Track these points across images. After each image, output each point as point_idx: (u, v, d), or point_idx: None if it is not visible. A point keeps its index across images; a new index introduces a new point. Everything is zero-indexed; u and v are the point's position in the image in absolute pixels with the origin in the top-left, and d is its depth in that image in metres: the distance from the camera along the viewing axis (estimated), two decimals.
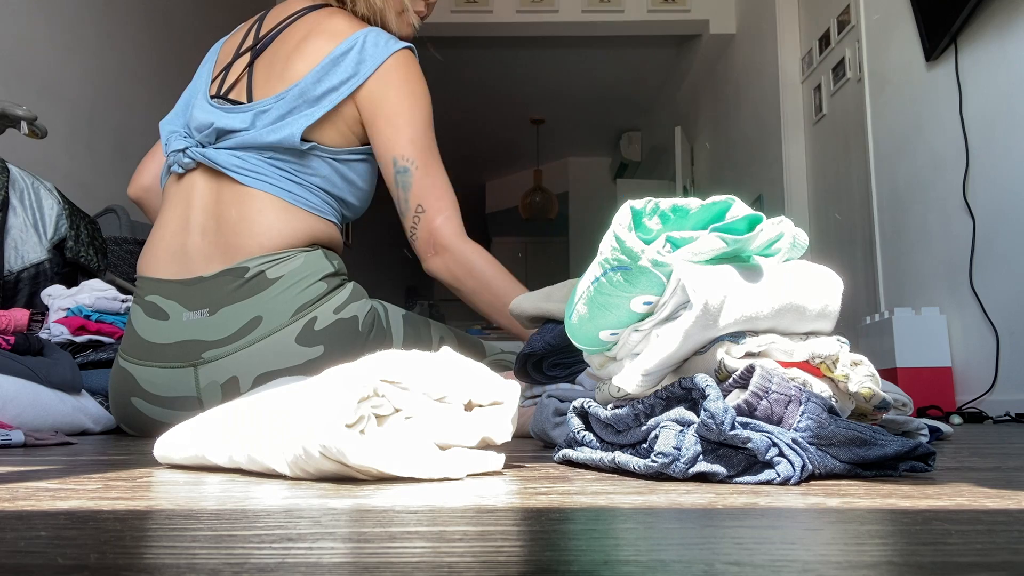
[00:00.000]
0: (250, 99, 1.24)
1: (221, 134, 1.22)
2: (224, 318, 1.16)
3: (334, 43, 1.22)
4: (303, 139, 1.19)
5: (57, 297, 1.59)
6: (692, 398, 0.51)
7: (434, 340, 1.34)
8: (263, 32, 1.31)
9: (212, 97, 1.27)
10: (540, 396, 0.97)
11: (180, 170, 1.24)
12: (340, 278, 1.22)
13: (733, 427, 0.47)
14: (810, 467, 0.48)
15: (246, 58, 1.29)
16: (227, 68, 1.30)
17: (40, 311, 1.54)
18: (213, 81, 1.30)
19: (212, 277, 1.18)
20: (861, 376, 0.53)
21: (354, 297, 1.21)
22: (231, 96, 1.26)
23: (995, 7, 2.05)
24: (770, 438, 0.47)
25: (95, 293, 1.60)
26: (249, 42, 1.32)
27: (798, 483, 0.47)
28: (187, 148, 1.22)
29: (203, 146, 1.23)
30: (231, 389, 1.15)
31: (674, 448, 0.48)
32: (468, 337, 1.42)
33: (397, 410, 0.52)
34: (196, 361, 1.16)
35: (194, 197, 1.23)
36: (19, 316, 1.32)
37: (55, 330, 1.53)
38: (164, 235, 1.24)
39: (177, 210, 1.24)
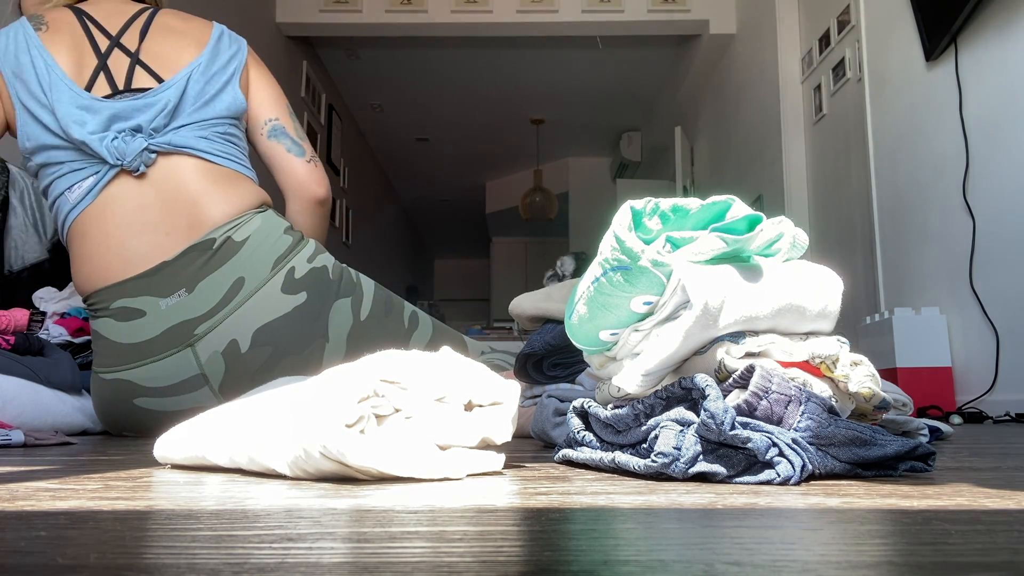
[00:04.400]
0: (160, 81, 1.25)
1: (171, 115, 1.23)
2: (205, 291, 1.19)
3: (208, 29, 1.34)
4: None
5: (49, 300, 1.59)
6: (692, 398, 0.51)
7: (406, 314, 1.38)
8: (112, 30, 1.28)
9: (109, 97, 1.22)
10: (540, 396, 0.97)
11: (143, 169, 1.20)
12: (299, 233, 1.31)
13: (733, 427, 0.47)
14: (810, 467, 0.48)
15: (120, 55, 1.26)
16: (102, 68, 1.24)
17: (41, 311, 1.53)
18: (92, 85, 1.23)
19: (176, 258, 1.19)
20: (861, 376, 0.53)
21: (319, 250, 1.31)
22: (135, 86, 1.24)
23: (995, 7, 2.05)
24: (770, 438, 0.47)
25: None
26: (103, 40, 1.27)
27: (798, 483, 0.47)
28: (148, 144, 1.20)
29: (156, 133, 1.22)
30: (232, 352, 1.19)
31: (674, 448, 0.48)
32: (446, 328, 1.44)
33: (397, 410, 0.52)
34: (190, 340, 1.18)
35: (138, 196, 1.20)
36: (19, 316, 1.32)
37: (54, 331, 1.53)
38: (110, 245, 1.20)
39: (116, 219, 1.20)
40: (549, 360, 0.97)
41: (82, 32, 1.27)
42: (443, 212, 8.56)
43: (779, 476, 0.46)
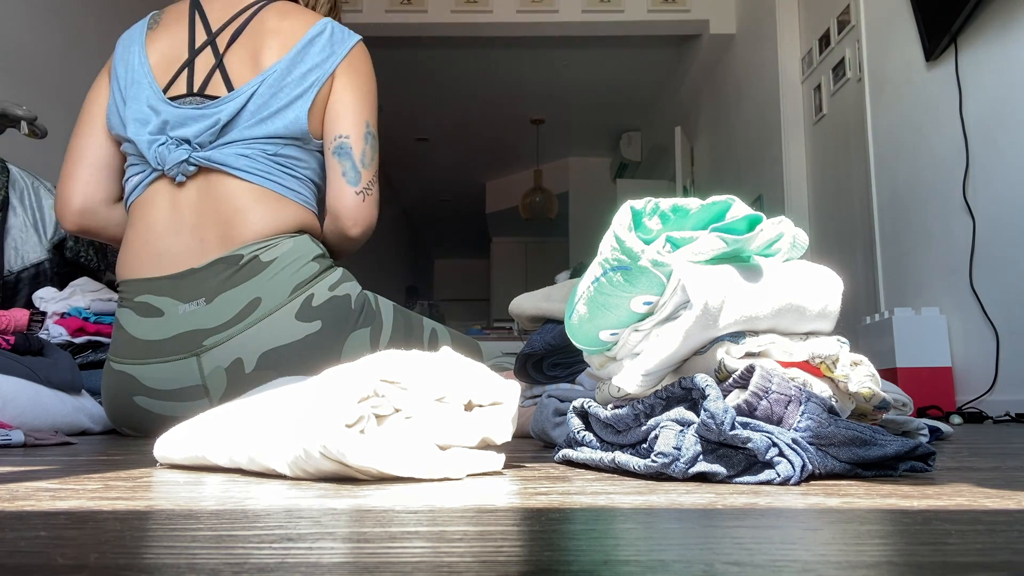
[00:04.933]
0: (230, 90, 1.24)
1: (220, 131, 1.22)
2: (222, 304, 1.18)
3: (304, 28, 1.29)
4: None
5: (49, 300, 1.59)
6: (692, 398, 0.51)
7: (426, 332, 1.37)
8: (214, 26, 1.29)
9: (176, 97, 1.24)
10: (540, 396, 0.97)
11: (183, 179, 1.22)
12: (329, 260, 1.29)
13: (733, 427, 0.47)
14: (810, 467, 0.48)
15: (209, 53, 1.27)
16: (188, 65, 1.27)
17: (41, 311, 1.53)
18: (174, 81, 1.26)
19: (204, 267, 1.20)
20: (861, 376, 0.53)
21: (345, 278, 1.28)
22: (207, 92, 1.25)
23: (995, 7, 2.05)
24: (770, 438, 0.47)
25: (89, 295, 1.59)
26: (202, 36, 1.29)
27: (798, 483, 0.47)
28: (190, 157, 1.21)
29: (201, 148, 1.22)
30: (236, 371, 1.18)
31: (674, 448, 0.48)
32: (464, 337, 1.43)
33: (397, 410, 0.52)
34: (197, 350, 1.18)
35: (180, 199, 1.23)
36: (19, 316, 1.32)
37: (54, 331, 1.53)
38: (148, 238, 1.23)
39: (159, 214, 1.23)
40: (549, 360, 0.97)
41: (187, 26, 1.30)
42: (443, 212, 8.56)
43: (779, 476, 0.46)
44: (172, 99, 1.24)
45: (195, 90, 1.25)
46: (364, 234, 1.33)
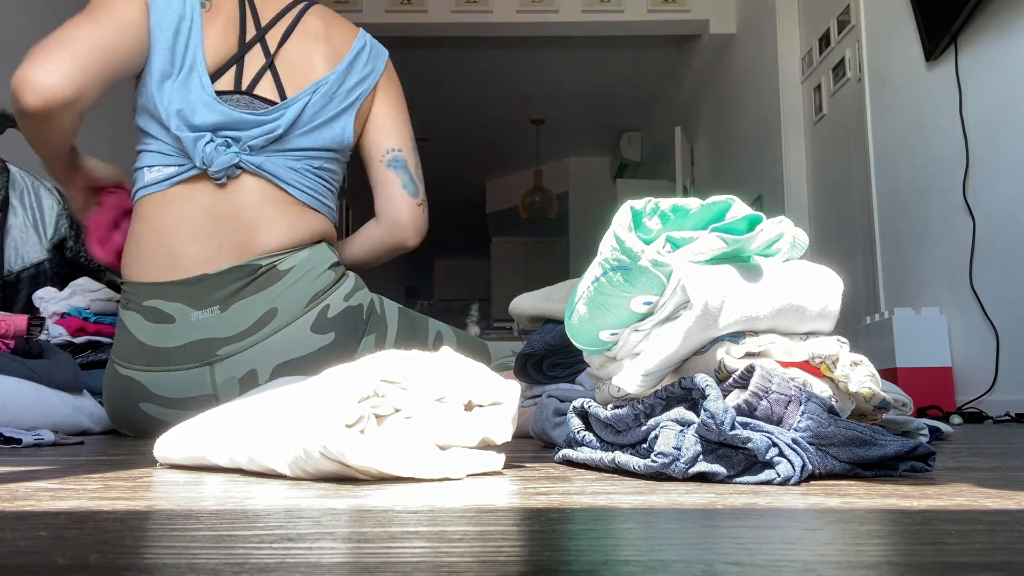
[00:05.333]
0: (283, 97, 1.22)
1: (276, 140, 1.20)
2: (237, 314, 1.16)
3: (350, 40, 1.30)
4: None
5: (49, 301, 1.58)
6: (692, 398, 0.51)
7: (430, 334, 1.36)
8: (263, 21, 1.27)
9: (229, 93, 1.20)
10: (540, 396, 0.97)
11: (224, 180, 1.18)
12: (342, 267, 1.28)
13: (733, 427, 0.47)
14: (810, 467, 0.48)
15: (259, 52, 1.24)
16: (237, 60, 1.22)
17: (40, 316, 1.53)
18: (221, 74, 1.20)
19: (218, 274, 1.17)
20: (861, 376, 0.53)
21: (358, 286, 1.27)
22: (256, 92, 1.22)
23: (995, 7, 2.05)
24: (770, 438, 0.47)
25: (88, 295, 1.59)
26: (252, 31, 1.25)
27: (798, 483, 0.47)
28: (240, 160, 1.18)
29: (251, 151, 1.19)
30: (249, 382, 1.17)
31: (674, 448, 0.48)
32: (471, 337, 1.43)
33: (397, 410, 0.52)
34: (211, 359, 1.16)
35: (203, 201, 1.18)
36: (18, 321, 1.32)
37: (54, 331, 1.53)
38: (163, 240, 1.18)
39: (177, 213, 1.18)
40: (549, 360, 0.97)
41: (237, 16, 1.25)
42: (443, 212, 8.55)
43: (779, 476, 0.46)
44: (219, 94, 1.19)
45: (243, 88, 1.21)
46: (419, 243, 1.37)
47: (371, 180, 1.35)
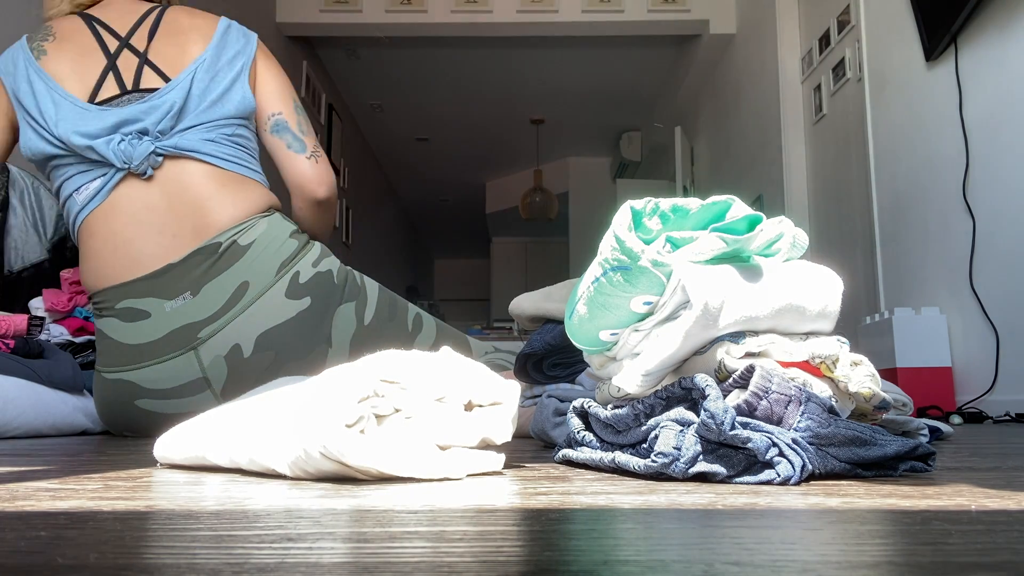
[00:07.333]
0: (166, 80, 1.24)
1: (177, 117, 1.22)
2: (209, 294, 1.19)
3: (214, 24, 1.33)
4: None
5: (42, 309, 1.58)
6: (692, 398, 0.51)
7: (410, 314, 1.38)
8: (123, 31, 1.28)
9: (117, 98, 1.22)
10: (540, 396, 0.97)
11: (150, 172, 1.21)
12: (305, 236, 1.31)
13: (733, 427, 0.47)
14: (810, 467, 0.48)
15: (128, 55, 1.26)
16: (111, 69, 1.24)
17: (39, 316, 1.53)
18: (99, 87, 1.23)
19: (182, 261, 1.19)
20: (861, 376, 0.53)
21: (324, 254, 1.31)
22: (143, 87, 1.24)
23: (995, 7, 2.05)
24: (770, 438, 0.47)
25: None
26: (112, 42, 1.27)
27: (798, 483, 0.47)
28: (156, 147, 1.20)
29: (163, 135, 1.21)
30: (235, 357, 1.19)
31: (674, 448, 0.48)
32: (450, 328, 1.44)
33: (397, 410, 0.52)
34: (194, 343, 1.18)
35: (143, 201, 1.21)
36: (18, 321, 1.33)
37: (55, 331, 1.53)
38: (116, 245, 1.20)
39: (123, 219, 1.21)
40: (549, 360, 0.97)
41: (91, 37, 1.28)
42: (443, 212, 8.55)
43: (779, 476, 0.46)
44: (104, 103, 1.22)
45: (129, 88, 1.24)
46: (331, 193, 1.36)
47: (268, 152, 1.36)
